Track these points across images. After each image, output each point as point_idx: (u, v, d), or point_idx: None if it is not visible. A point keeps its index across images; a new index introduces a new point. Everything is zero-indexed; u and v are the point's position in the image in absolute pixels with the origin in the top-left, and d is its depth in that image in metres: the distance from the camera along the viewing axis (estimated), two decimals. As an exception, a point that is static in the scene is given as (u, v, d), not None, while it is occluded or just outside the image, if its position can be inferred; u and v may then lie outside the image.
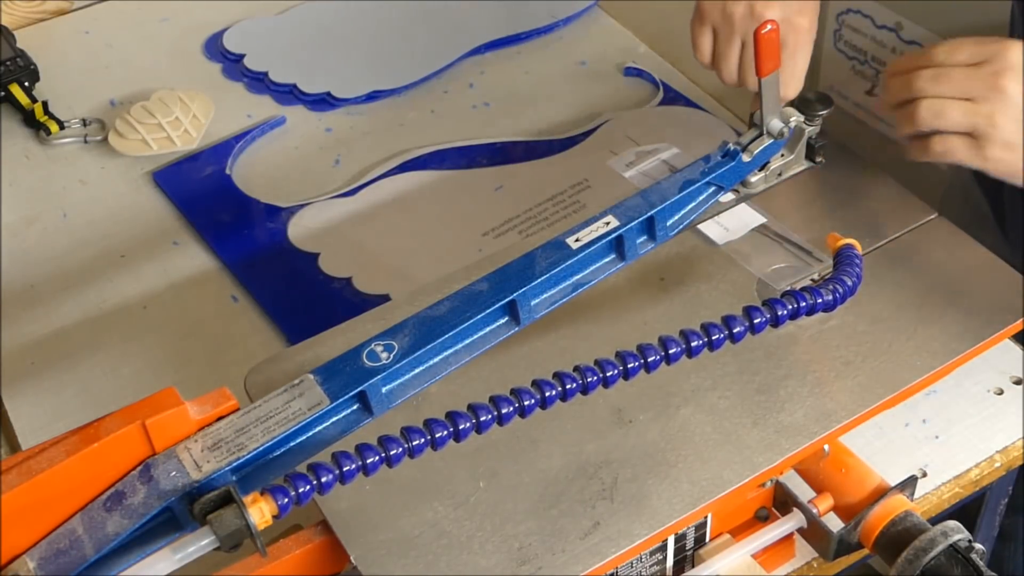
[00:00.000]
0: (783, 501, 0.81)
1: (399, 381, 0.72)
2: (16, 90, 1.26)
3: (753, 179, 0.87)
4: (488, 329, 0.75)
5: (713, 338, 0.73)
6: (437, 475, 0.76)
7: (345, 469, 0.66)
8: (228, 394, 0.69)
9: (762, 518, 0.81)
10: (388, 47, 1.32)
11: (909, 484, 0.79)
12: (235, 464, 0.65)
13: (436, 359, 0.73)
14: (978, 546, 0.74)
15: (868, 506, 0.77)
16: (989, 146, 0.81)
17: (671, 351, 0.72)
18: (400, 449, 0.67)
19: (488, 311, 0.74)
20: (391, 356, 0.71)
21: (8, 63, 1.27)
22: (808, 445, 0.76)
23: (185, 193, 1.17)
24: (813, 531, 0.79)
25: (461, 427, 0.68)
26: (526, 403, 0.69)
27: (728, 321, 0.73)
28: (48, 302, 1.07)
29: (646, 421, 0.78)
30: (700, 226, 0.91)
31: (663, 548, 0.78)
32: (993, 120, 0.80)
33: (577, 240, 0.78)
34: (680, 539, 0.78)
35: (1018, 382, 0.91)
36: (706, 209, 0.83)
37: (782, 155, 0.87)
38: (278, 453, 0.68)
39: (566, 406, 0.71)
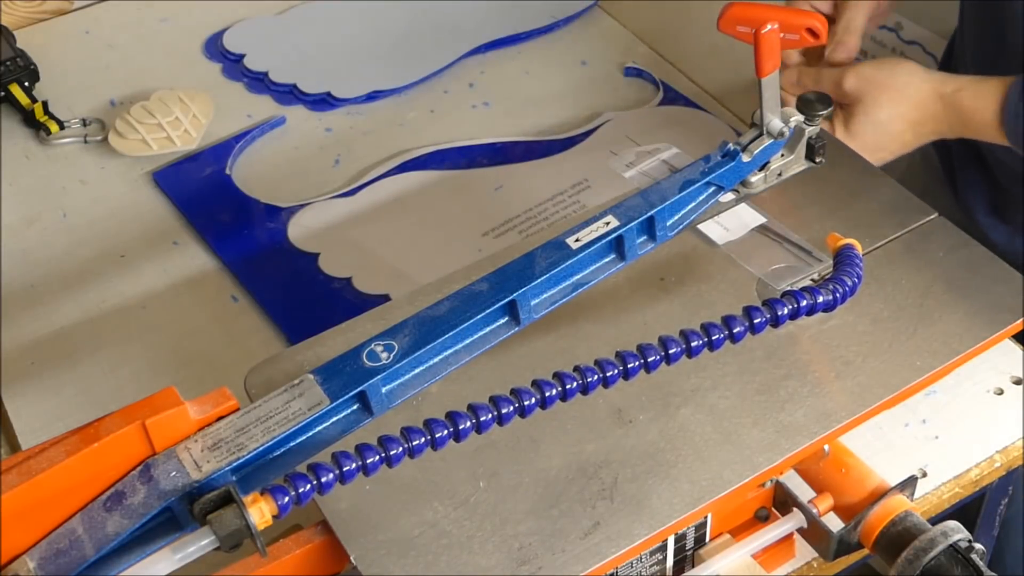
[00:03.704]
0: (783, 501, 0.81)
1: (399, 381, 0.72)
2: (16, 90, 1.26)
3: (753, 179, 0.86)
4: (488, 329, 0.75)
5: (713, 338, 0.73)
6: (437, 475, 0.75)
7: (345, 469, 0.66)
8: (228, 394, 0.69)
9: (762, 518, 0.81)
10: (388, 47, 1.32)
11: (909, 484, 0.79)
12: (235, 464, 0.65)
13: (436, 359, 0.73)
14: (978, 546, 0.74)
15: (868, 506, 0.77)
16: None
17: (671, 351, 0.72)
18: (400, 449, 0.67)
19: (488, 311, 0.74)
20: (391, 356, 0.71)
21: (8, 63, 1.27)
22: (808, 445, 0.76)
23: (185, 193, 1.16)
24: (813, 531, 0.79)
25: (461, 427, 0.68)
26: (526, 403, 0.69)
27: (728, 321, 0.73)
28: (48, 302, 1.07)
29: (646, 421, 0.78)
30: (700, 226, 0.91)
31: (663, 548, 0.78)
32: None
33: (577, 240, 0.77)
34: (680, 539, 0.78)
35: (1018, 382, 0.91)
36: (706, 209, 0.83)
37: (782, 155, 0.87)
38: (278, 453, 0.68)
39: (566, 406, 0.71)
